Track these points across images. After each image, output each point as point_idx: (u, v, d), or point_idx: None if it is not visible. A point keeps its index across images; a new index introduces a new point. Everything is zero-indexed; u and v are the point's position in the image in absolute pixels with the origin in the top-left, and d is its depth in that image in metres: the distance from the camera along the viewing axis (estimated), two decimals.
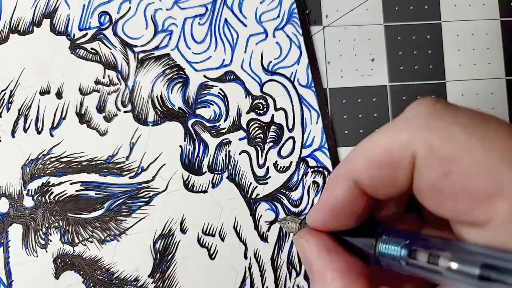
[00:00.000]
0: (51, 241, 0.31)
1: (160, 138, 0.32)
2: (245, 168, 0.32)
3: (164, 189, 0.32)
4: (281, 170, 0.33)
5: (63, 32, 0.32)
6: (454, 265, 0.18)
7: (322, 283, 0.21)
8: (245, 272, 0.32)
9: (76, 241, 0.31)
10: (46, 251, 0.31)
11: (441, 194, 0.18)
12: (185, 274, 0.31)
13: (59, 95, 0.32)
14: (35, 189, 0.31)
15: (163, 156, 0.32)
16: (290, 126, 0.33)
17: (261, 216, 0.32)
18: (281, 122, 0.33)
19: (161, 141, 0.32)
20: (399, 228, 0.23)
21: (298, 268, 0.32)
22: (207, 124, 0.32)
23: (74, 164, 0.31)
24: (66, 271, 0.31)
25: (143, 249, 0.31)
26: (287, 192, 0.32)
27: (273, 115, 0.33)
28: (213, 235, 0.32)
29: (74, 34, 0.32)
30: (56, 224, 0.31)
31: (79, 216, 0.31)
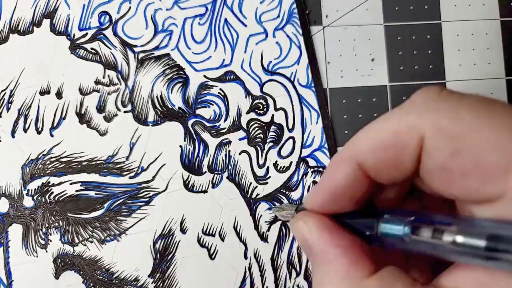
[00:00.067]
0: (51, 241, 0.31)
1: (160, 138, 0.32)
2: (245, 168, 0.32)
3: (164, 189, 0.32)
4: (281, 170, 0.33)
5: (63, 32, 0.32)
6: (460, 239, 0.17)
7: (326, 264, 0.20)
8: (245, 272, 0.32)
9: (76, 241, 0.31)
10: (46, 251, 0.31)
11: (452, 174, 0.18)
12: (185, 274, 0.31)
13: (59, 95, 0.32)
14: (35, 189, 0.31)
15: (163, 156, 0.32)
16: (290, 126, 0.33)
17: (261, 216, 0.32)
18: (281, 122, 0.33)
19: (161, 141, 0.32)
20: (400, 208, 0.23)
21: (298, 268, 0.32)
22: (207, 124, 0.32)
23: (74, 164, 0.31)
24: (66, 271, 0.31)
25: (143, 249, 0.31)
26: (287, 192, 0.32)
27: (273, 115, 0.33)
28: (213, 235, 0.32)
29: (74, 34, 0.32)
30: (56, 224, 0.31)
31: (79, 216, 0.31)
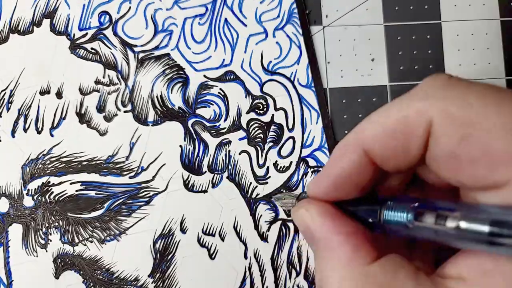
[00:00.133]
0: (51, 241, 0.31)
1: (160, 138, 0.32)
2: (245, 168, 0.32)
3: (164, 189, 0.32)
4: (281, 170, 0.33)
5: (63, 32, 0.32)
6: (463, 224, 0.17)
7: (329, 251, 0.20)
8: (245, 272, 0.32)
9: (76, 241, 0.31)
10: (46, 251, 0.31)
11: (459, 161, 0.18)
12: (185, 274, 0.31)
13: (59, 95, 0.32)
14: (35, 189, 0.31)
15: (163, 156, 0.32)
16: (290, 126, 0.33)
17: (261, 216, 0.32)
18: (281, 122, 0.33)
19: (161, 141, 0.32)
20: (403, 195, 0.22)
21: (298, 268, 0.32)
22: (207, 124, 0.32)
23: (74, 164, 0.31)
24: (66, 271, 0.31)
25: (143, 249, 0.31)
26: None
27: (273, 115, 0.33)
28: (213, 235, 0.32)
29: (74, 34, 0.32)
30: (56, 224, 0.31)
31: (79, 216, 0.31)
